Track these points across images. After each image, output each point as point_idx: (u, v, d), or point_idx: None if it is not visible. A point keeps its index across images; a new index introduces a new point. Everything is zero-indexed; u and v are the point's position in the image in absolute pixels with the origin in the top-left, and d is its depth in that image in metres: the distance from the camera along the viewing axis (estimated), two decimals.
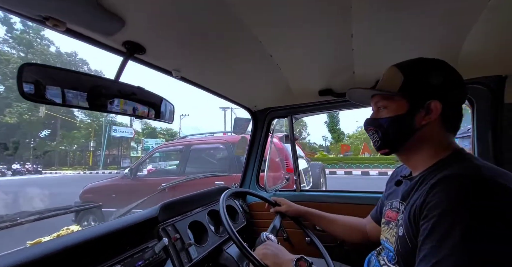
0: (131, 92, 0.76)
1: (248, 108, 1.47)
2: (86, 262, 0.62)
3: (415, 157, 0.61)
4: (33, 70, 0.50)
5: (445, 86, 0.56)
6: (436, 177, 0.49)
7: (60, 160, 28.89)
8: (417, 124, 0.56)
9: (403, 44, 0.82)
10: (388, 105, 0.60)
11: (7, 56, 26.25)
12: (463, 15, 0.66)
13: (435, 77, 0.56)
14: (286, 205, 1.01)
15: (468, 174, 0.46)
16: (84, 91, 0.62)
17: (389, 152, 0.63)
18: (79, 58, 33.49)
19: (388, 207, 0.70)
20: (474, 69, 0.94)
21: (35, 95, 0.53)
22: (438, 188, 0.46)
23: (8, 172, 18.24)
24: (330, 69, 1.02)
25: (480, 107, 1.00)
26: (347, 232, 0.92)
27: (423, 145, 0.58)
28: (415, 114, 0.56)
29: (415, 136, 0.57)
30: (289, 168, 2.74)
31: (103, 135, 23.27)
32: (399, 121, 0.58)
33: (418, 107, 0.56)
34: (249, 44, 0.78)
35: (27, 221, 0.79)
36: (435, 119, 0.55)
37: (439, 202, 0.44)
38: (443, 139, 0.58)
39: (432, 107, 0.55)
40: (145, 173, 3.70)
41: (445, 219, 0.42)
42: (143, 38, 0.68)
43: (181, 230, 0.90)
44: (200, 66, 0.91)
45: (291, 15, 0.64)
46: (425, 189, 0.49)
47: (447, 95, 0.55)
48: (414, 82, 0.57)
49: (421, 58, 0.60)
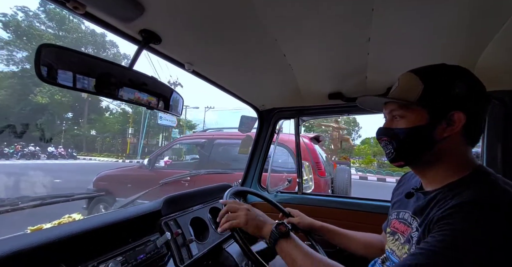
0: (142, 82, 0.75)
1: (255, 107, 1.46)
2: (88, 252, 0.61)
3: (432, 171, 0.57)
4: (51, 51, 0.50)
5: (469, 96, 0.52)
6: (458, 198, 0.46)
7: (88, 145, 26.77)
8: (437, 137, 0.53)
9: (420, 52, 0.81)
10: (406, 115, 0.56)
11: (39, 31, 25.09)
12: (483, 27, 0.65)
13: (459, 86, 0.52)
14: (299, 217, 0.97)
15: (494, 202, 0.43)
16: (96, 76, 0.61)
17: (404, 164, 0.59)
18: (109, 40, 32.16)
19: (395, 217, 0.67)
20: (489, 82, 0.91)
21: (48, 77, 0.53)
22: (460, 211, 0.44)
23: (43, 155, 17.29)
24: (342, 73, 1.01)
25: (492, 120, 0.99)
26: (365, 249, 0.87)
27: (442, 159, 0.55)
28: (436, 126, 0.53)
29: (435, 149, 0.54)
30: (321, 171, 2.59)
31: (142, 122, 22.01)
32: (418, 133, 0.54)
33: (440, 119, 0.52)
34: (264, 42, 0.77)
35: (28, 206, 0.78)
36: (457, 132, 0.52)
37: (460, 224, 0.42)
38: (463, 154, 0.55)
39: (455, 118, 0.51)
40: (162, 164, 3.62)
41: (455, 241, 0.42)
42: (160, 28, 0.67)
43: (183, 226, 0.89)
44: (213, 61, 0.91)
45: (310, 15, 0.63)
46: (444, 208, 0.46)
47: (471, 106, 0.52)
48: (436, 92, 0.53)
49: (441, 65, 0.57)
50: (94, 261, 0.60)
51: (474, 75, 0.55)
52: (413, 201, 0.62)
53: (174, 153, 6.20)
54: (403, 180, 0.79)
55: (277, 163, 2.72)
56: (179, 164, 4.71)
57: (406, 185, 0.74)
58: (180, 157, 7.14)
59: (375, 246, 0.86)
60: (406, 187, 0.72)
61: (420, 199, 0.59)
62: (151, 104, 0.80)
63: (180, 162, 5.14)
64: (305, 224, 0.95)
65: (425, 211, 0.54)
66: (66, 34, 27.17)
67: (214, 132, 3.76)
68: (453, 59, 0.82)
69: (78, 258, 0.58)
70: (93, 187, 3.50)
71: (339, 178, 3.63)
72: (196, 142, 3.89)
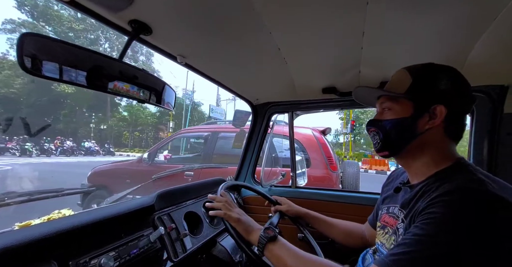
0: (133, 75, 0.73)
1: (249, 101, 1.45)
2: (79, 247, 0.60)
3: (415, 163, 0.60)
4: (34, 41, 0.47)
5: (452, 92, 0.55)
6: (440, 189, 0.49)
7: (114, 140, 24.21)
8: (419, 129, 0.56)
9: (412, 47, 0.82)
10: (393, 107, 0.60)
11: (58, 12, 22.58)
12: (475, 23, 0.66)
13: (444, 82, 0.56)
14: (287, 205, 1.00)
15: (471, 188, 0.46)
16: (84, 68, 0.59)
17: (389, 154, 0.62)
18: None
19: (385, 211, 0.69)
20: (478, 77, 0.95)
21: (33, 68, 0.50)
22: (442, 199, 0.46)
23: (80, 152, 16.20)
24: (336, 67, 1.01)
25: (480, 115, 1.02)
26: (345, 237, 0.91)
27: (424, 151, 0.58)
28: (418, 118, 0.56)
29: (417, 140, 0.57)
30: (333, 165, 2.53)
31: (184, 115, 20.47)
32: (402, 124, 0.58)
33: (423, 111, 0.56)
34: (259, 35, 0.76)
35: (15, 202, 0.75)
36: (438, 125, 0.55)
37: (440, 212, 0.45)
38: (445, 147, 0.57)
39: (437, 112, 0.55)
40: (162, 158, 3.48)
41: (440, 228, 0.43)
42: (150, 18, 0.65)
43: (177, 220, 0.89)
44: (206, 54, 0.89)
45: (305, 8, 0.62)
46: (428, 200, 0.49)
47: (453, 102, 0.55)
48: (422, 86, 0.57)
49: (432, 63, 0.60)
50: (85, 256, 0.59)
51: (461, 74, 0.58)
52: (401, 195, 0.65)
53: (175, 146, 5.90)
54: (392, 176, 0.82)
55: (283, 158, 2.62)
56: (179, 158, 4.51)
57: (395, 181, 0.76)
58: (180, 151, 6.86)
59: (355, 234, 0.90)
60: (395, 183, 0.74)
61: (407, 192, 0.62)
62: (142, 98, 0.78)
63: (180, 156, 4.96)
64: (292, 212, 0.98)
65: (411, 203, 0.56)
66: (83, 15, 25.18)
67: (218, 125, 3.61)
68: (444, 55, 0.84)
69: (69, 254, 0.57)
70: (88, 182, 3.35)
71: (348, 173, 3.56)
72: (199, 135, 3.71)
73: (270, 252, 0.61)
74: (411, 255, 0.44)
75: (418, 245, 0.44)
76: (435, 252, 0.42)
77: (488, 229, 0.41)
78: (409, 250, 0.44)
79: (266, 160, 1.46)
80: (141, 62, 27.43)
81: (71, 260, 0.56)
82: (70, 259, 0.56)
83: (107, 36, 27.89)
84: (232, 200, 0.78)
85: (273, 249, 0.61)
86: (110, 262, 0.61)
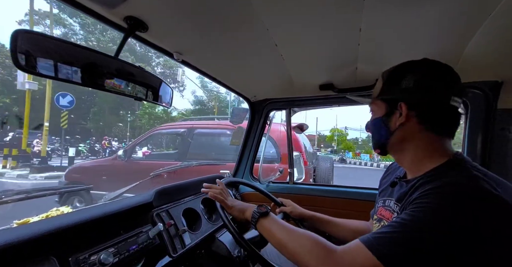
0: (129, 72, 0.72)
1: (247, 98, 1.45)
2: (78, 244, 0.60)
3: (405, 158, 0.63)
4: (28, 37, 0.47)
5: (413, 89, 0.58)
6: (433, 183, 0.50)
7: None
8: (392, 126, 0.61)
9: (408, 42, 0.82)
10: (374, 109, 0.67)
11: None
12: (470, 19, 0.67)
13: (406, 80, 0.59)
14: (291, 207, 1.03)
15: (464, 183, 0.47)
16: (79, 65, 0.58)
17: (380, 152, 0.67)
18: None
19: (381, 204, 0.71)
20: (472, 73, 0.96)
21: (27, 65, 0.50)
22: (433, 192, 0.48)
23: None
24: (333, 64, 1.01)
25: (474, 111, 1.03)
26: (355, 235, 0.92)
27: (407, 146, 0.61)
28: (390, 116, 0.61)
29: (395, 136, 0.61)
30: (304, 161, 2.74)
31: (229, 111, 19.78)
32: (378, 123, 0.64)
33: (393, 109, 0.60)
34: (256, 31, 0.76)
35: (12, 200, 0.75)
36: (410, 120, 0.58)
37: (429, 202, 0.46)
38: (432, 142, 0.59)
39: (401, 108, 0.58)
40: (140, 155, 3.54)
41: (425, 216, 0.45)
42: (146, 15, 0.64)
43: (175, 216, 0.89)
44: (203, 50, 0.88)
45: (303, 4, 0.62)
46: (420, 192, 0.50)
47: (415, 98, 0.58)
48: (389, 86, 0.62)
49: (405, 63, 0.62)
50: (85, 253, 0.60)
51: (433, 70, 0.59)
52: (397, 189, 0.67)
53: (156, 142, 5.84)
54: (389, 169, 0.83)
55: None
56: (158, 154, 4.54)
57: (392, 174, 0.78)
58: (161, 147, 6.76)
59: (363, 232, 0.90)
60: (391, 177, 0.76)
61: (403, 187, 0.64)
62: (139, 95, 0.78)
63: (160, 153, 4.99)
64: (296, 213, 1.00)
65: (406, 196, 0.58)
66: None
67: (194, 122, 3.67)
68: (439, 51, 0.84)
69: (68, 250, 0.58)
70: (65, 179, 3.36)
71: (321, 167, 3.71)
72: (175, 131, 3.75)
73: (261, 225, 0.67)
74: (392, 235, 0.47)
75: (401, 227, 0.46)
76: (415, 235, 0.45)
77: (473, 224, 0.42)
78: (393, 231, 0.47)
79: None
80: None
81: (71, 257, 0.57)
82: (69, 255, 0.57)
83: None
84: (227, 190, 0.83)
85: (264, 223, 0.67)
86: (109, 258, 0.62)
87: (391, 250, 0.46)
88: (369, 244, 0.48)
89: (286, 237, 0.61)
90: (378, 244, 0.47)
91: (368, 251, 0.47)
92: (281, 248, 0.60)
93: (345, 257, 0.51)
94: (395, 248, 0.45)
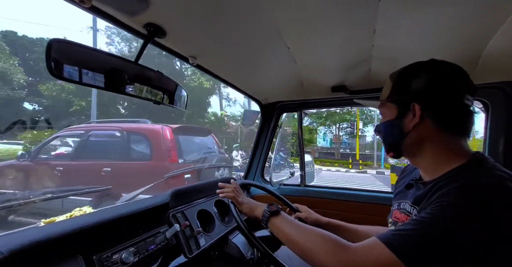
0: (147, 76, 0.75)
1: (258, 100, 1.46)
2: (101, 243, 0.63)
3: (422, 160, 0.61)
4: (60, 46, 0.50)
5: (425, 89, 0.57)
6: (453, 183, 0.48)
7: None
8: (406, 127, 0.59)
9: (425, 43, 0.81)
10: (384, 111, 0.65)
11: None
12: (490, 18, 0.65)
13: (417, 81, 0.58)
14: (307, 212, 1.01)
15: (487, 182, 0.46)
16: (102, 71, 0.61)
17: (395, 155, 0.65)
18: None
19: (396, 207, 0.69)
20: (492, 73, 0.93)
21: (58, 71, 0.53)
22: (455, 191, 0.46)
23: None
24: (346, 65, 1.01)
25: (495, 112, 0.99)
26: None
27: (423, 148, 0.59)
28: (403, 117, 0.59)
29: (410, 138, 0.59)
30: (171, 158, 3.06)
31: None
32: (391, 125, 0.62)
33: (406, 111, 0.58)
34: (269, 35, 0.77)
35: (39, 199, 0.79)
36: (424, 121, 0.56)
37: (450, 200, 0.45)
38: (450, 143, 0.57)
39: (414, 109, 0.57)
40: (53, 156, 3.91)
41: (444, 213, 0.44)
42: (165, 21, 0.67)
43: (190, 218, 0.91)
44: (217, 54, 0.90)
45: (316, 6, 0.63)
46: (441, 191, 0.48)
47: (428, 98, 0.56)
48: (399, 88, 0.61)
49: (415, 64, 0.61)
50: (108, 251, 0.62)
51: (443, 70, 0.58)
52: (413, 192, 0.65)
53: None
54: (405, 171, 0.81)
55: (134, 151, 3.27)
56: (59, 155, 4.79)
57: (408, 176, 0.76)
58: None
59: None
60: (407, 179, 0.74)
61: (420, 189, 0.62)
62: (156, 99, 0.80)
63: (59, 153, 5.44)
64: (312, 219, 0.97)
65: (424, 199, 0.56)
66: None
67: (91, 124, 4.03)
68: (459, 51, 0.82)
69: (93, 249, 0.60)
70: None
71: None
72: (74, 133, 4.08)
73: (273, 224, 0.67)
74: (407, 232, 0.46)
75: (417, 224, 0.45)
76: (431, 231, 0.43)
77: (497, 223, 0.41)
78: (408, 228, 0.46)
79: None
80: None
81: (95, 255, 0.59)
82: (93, 254, 0.59)
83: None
84: (240, 189, 0.84)
85: (276, 221, 0.67)
86: (130, 257, 0.64)
87: (410, 246, 0.44)
88: (386, 241, 0.47)
89: (297, 234, 0.60)
90: (396, 241, 0.46)
91: (385, 247, 0.46)
92: (293, 246, 0.60)
93: (358, 252, 0.50)
94: (415, 245, 0.44)
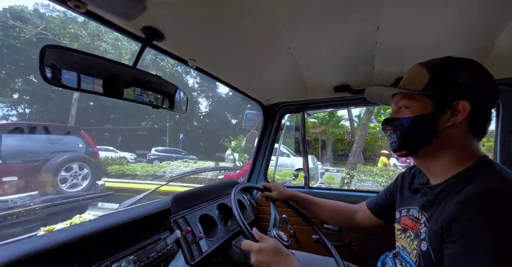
0: (147, 80, 0.74)
1: (260, 102, 1.44)
2: (101, 251, 0.62)
3: (435, 163, 0.57)
4: (55, 52, 0.49)
5: (475, 86, 0.52)
6: (466, 190, 0.46)
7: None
8: (440, 126, 0.53)
9: (431, 40, 0.78)
10: (411, 104, 0.57)
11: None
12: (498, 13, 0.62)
13: (466, 76, 0.52)
14: (277, 191, 0.97)
15: (500, 190, 0.43)
16: (100, 77, 0.61)
17: (407, 153, 0.60)
18: None
19: (405, 214, 0.66)
20: (502, 69, 0.90)
21: (53, 78, 0.52)
22: (472, 205, 0.43)
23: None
24: (349, 64, 0.98)
25: (507, 110, 0.96)
26: (331, 215, 0.93)
27: (445, 150, 0.55)
28: (439, 115, 0.53)
29: (438, 139, 0.54)
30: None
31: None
32: (421, 121, 0.55)
33: (444, 108, 0.53)
34: (269, 35, 0.75)
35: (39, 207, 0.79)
36: (462, 121, 0.52)
37: (474, 220, 0.42)
38: (467, 145, 0.54)
39: (460, 108, 0.51)
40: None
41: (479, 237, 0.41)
42: (162, 25, 0.66)
43: (192, 223, 0.89)
44: (217, 56, 0.89)
45: (317, 4, 0.61)
46: (454, 203, 0.46)
47: (477, 96, 0.52)
48: (441, 81, 0.54)
49: (450, 57, 0.56)
50: (107, 260, 0.60)
51: (482, 66, 0.54)
52: (420, 196, 0.62)
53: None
54: (409, 173, 0.76)
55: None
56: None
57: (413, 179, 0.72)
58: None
59: (341, 212, 0.92)
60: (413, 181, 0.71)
61: (427, 194, 0.59)
62: (156, 103, 0.79)
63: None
64: (283, 196, 0.97)
65: (433, 205, 0.53)
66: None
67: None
68: (466, 47, 0.79)
69: (91, 258, 0.59)
70: None
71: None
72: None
73: None
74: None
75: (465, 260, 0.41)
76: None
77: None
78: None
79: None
80: None
81: (94, 264, 0.58)
82: (92, 263, 0.58)
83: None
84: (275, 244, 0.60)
85: None
86: (130, 265, 0.63)
87: None
88: None
89: None
90: None
91: None
92: None
93: None
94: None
